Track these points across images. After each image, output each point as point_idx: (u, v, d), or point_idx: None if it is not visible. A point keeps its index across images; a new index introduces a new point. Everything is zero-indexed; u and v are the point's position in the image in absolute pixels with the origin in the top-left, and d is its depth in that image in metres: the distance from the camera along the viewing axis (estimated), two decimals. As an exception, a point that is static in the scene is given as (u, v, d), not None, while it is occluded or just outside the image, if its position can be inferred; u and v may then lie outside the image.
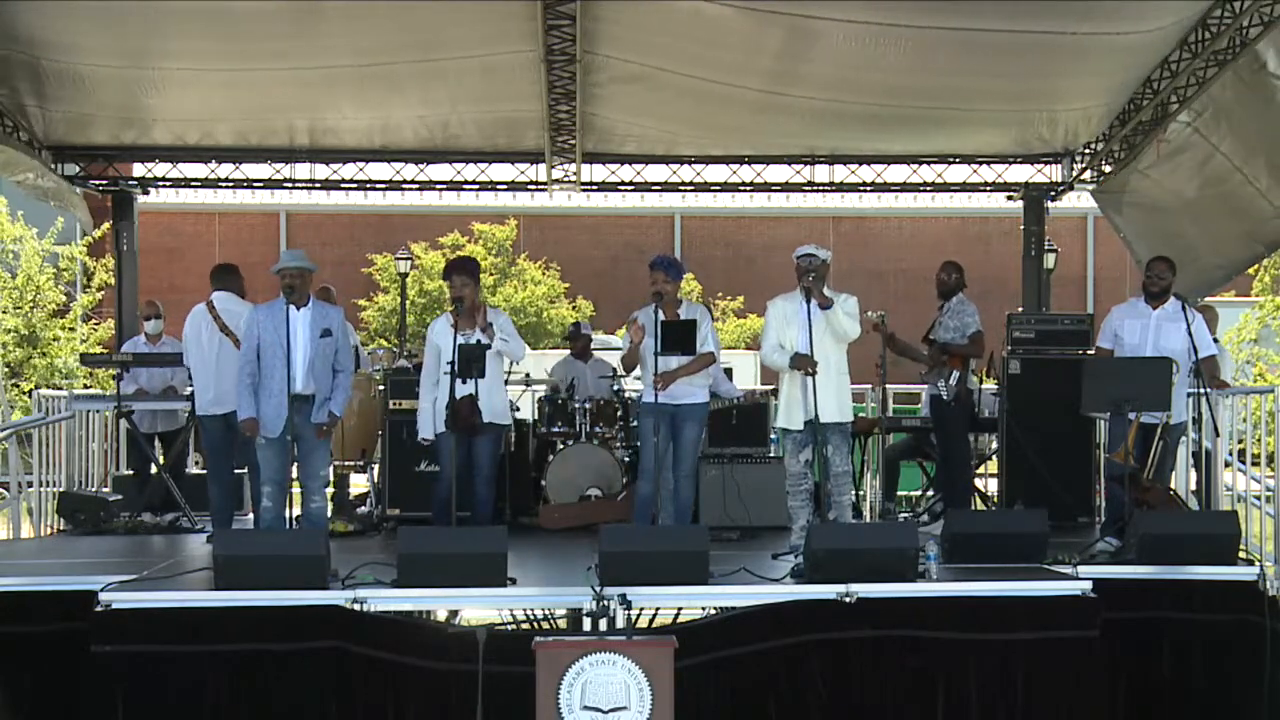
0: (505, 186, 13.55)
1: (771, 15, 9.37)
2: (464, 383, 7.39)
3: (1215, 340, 8.66)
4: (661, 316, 7.54)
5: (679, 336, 7.53)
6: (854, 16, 9.47)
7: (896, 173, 13.42)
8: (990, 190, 13.58)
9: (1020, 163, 13.14)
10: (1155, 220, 11.78)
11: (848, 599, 6.14)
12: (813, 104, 11.09)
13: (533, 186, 13.38)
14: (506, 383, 9.63)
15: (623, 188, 13.61)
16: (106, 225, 15.04)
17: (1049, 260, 15.80)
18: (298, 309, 7.46)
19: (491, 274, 28.13)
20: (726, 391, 9.70)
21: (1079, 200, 16.51)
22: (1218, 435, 7.93)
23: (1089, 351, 8.93)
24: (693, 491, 8.02)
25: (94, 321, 22.91)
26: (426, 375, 7.96)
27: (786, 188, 13.68)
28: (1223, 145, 10.67)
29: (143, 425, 9.90)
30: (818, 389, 7.14)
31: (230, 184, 13.37)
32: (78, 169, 12.58)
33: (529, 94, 10.93)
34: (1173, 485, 8.19)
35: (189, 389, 8.94)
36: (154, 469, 9.54)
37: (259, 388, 7.46)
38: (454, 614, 7.50)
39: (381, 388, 9.43)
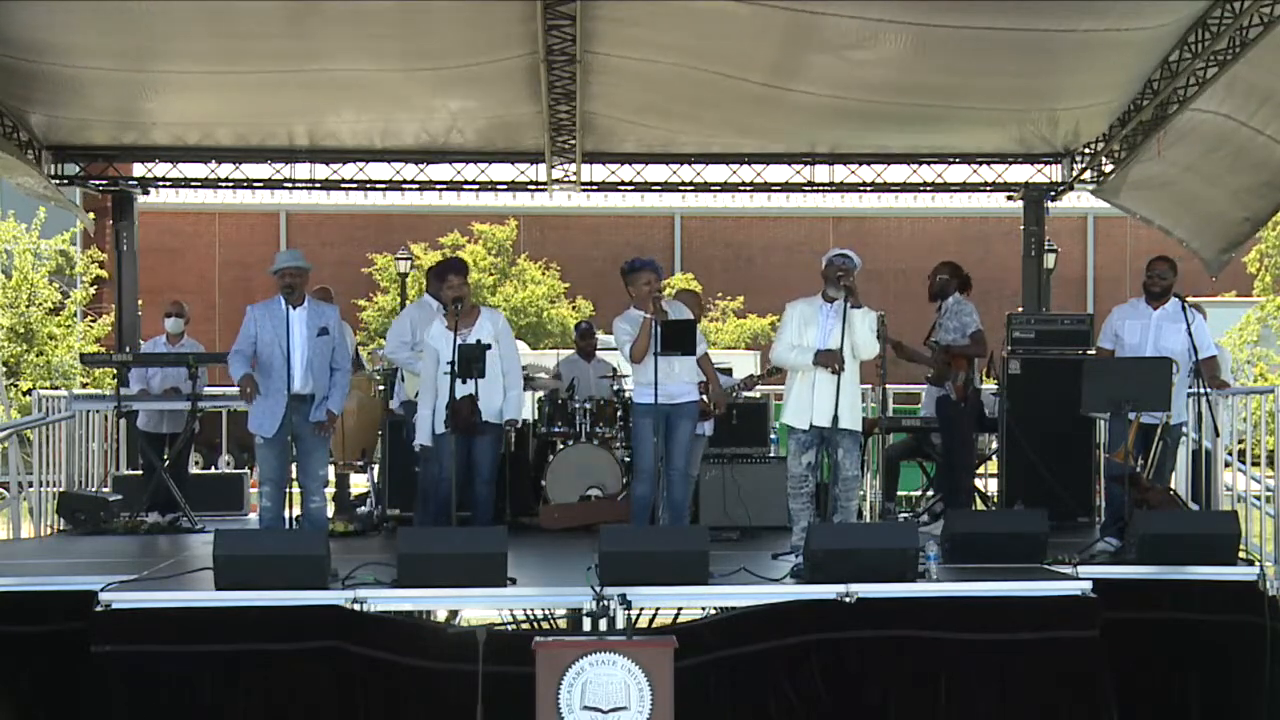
0: (505, 186, 13.53)
1: (773, 9, 9.36)
2: (464, 383, 7.39)
3: None
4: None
5: (680, 336, 7.53)
6: (855, 12, 9.45)
7: (896, 173, 13.37)
8: (990, 190, 13.53)
9: (1020, 163, 13.11)
10: (1165, 192, 11.74)
11: (848, 599, 6.15)
12: (814, 99, 11.05)
13: (533, 186, 13.35)
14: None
15: (623, 188, 13.59)
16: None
17: (1049, 260, 15.76)
18: (294, 308, 7.46)
19: (491, 274, 28.11)
20: (724, 385, 9.69)
21: (1079, 200, 16.52)
22: (1218, 435, 7.92)
23: (1089, 351, 8.93)
24: (687, 490, 7.97)
25: (89, 319, 22.84)
26: (425, 381, 7.81)
27: (786, 188, 13.65)
28: (1222, 109, 10.59)
29: (151, 425, 9.89)
30: (838, 393, 7.08)
31: (230, 184, 13.34)
32: (78, 169, 12.57)
33: (528, 96, 10.91)
34: (1172, 485, 8.18)
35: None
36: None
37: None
38: (454, 614, 7.50)
39: (382, 388, 9.45)
